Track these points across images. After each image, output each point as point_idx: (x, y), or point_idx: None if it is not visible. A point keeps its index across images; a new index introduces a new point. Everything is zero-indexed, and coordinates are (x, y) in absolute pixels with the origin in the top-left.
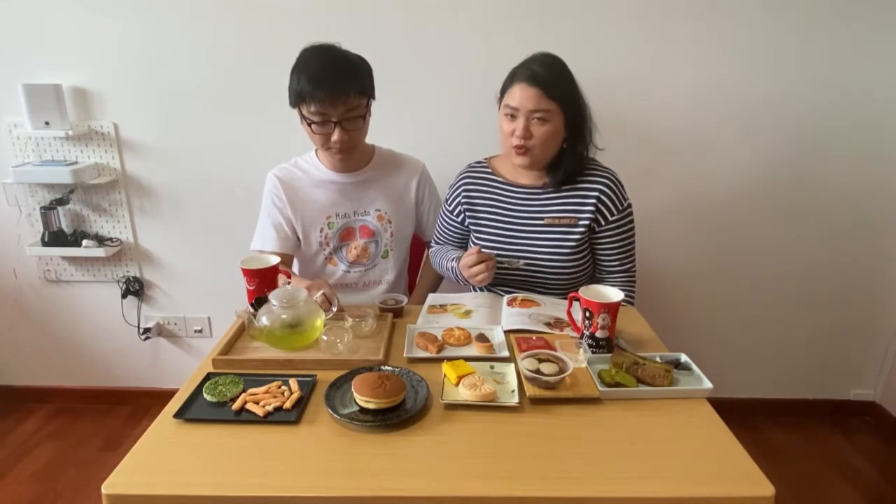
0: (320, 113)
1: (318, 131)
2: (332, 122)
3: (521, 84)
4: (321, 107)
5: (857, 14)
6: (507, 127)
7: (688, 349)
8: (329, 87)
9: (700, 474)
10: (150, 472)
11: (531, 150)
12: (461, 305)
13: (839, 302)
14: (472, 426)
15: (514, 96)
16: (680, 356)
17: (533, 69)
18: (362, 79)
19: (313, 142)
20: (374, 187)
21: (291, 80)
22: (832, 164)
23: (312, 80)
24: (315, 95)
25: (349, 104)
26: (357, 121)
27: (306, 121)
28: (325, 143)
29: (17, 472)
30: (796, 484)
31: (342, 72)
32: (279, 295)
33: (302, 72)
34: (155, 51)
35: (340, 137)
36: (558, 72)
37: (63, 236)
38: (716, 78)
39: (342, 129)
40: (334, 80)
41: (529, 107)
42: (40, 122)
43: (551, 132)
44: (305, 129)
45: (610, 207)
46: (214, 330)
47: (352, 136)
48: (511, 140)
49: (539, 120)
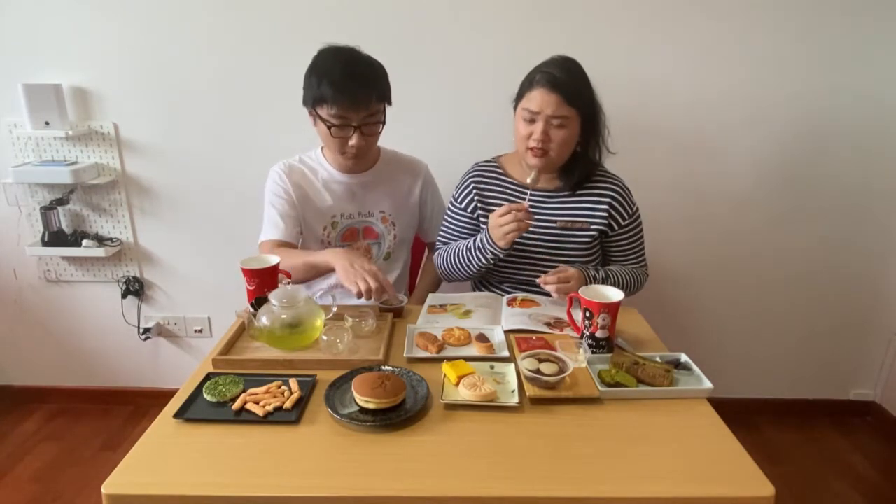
0: (341, 116)
1: (336, 134)
2: (353, 127)
3: (542, 89)
4: (343, 110)
5: (859, 16)
6: (524, 129)
7: (688, 349)
8: (353, 92)
9: (700, 474)
10: (150, 472)
11: (548, 154)
12: (461, 305)
13: (839, 302)
14: (472, 426)
15: (535, 100)
16: (680, 356)
17: (554, 74)
18: (382, 84)
19: (328, 144)
20: (379, 189)
21: (310, 81)
22: (833, 165)
23: (335, 84)
24: (338, 99)
25: (370, 109)
26: (376, 126)
27: (325, 123)
28: (341, 147)
29: (17, 472)
30: (796, 484)
31: (366, 77)
32: (279, 295)
33: (323, 74)
34: (155, 51)
35: (358, 142)
36: (578, 78)
37: (63, 236)
38: (717, 80)
39: (361, 134)
40: (358, 85)
41: (549, 112)
42: (40, 122)
43: (569, 137)
44: (321, 130)
45: (622, 213)
46: (214, 330)
47: (369, 141)
48: (528, 142)
49: (557, 125)
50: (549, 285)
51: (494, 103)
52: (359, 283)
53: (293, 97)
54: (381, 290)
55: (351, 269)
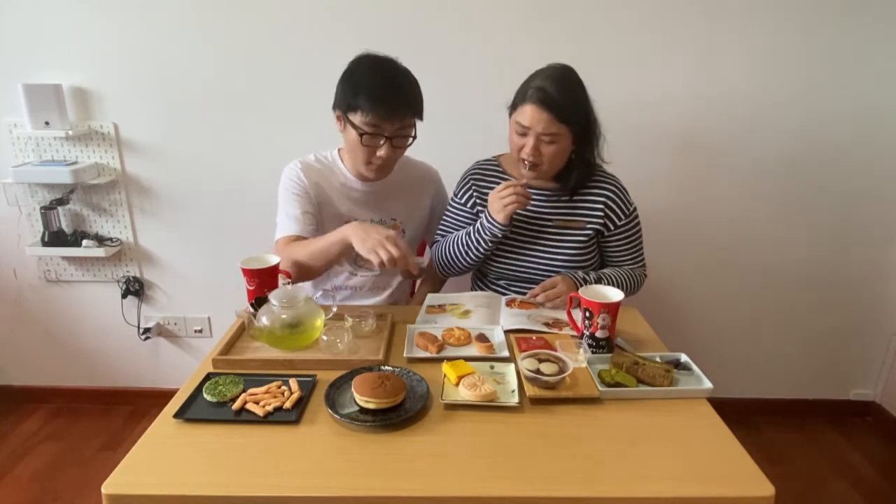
0: (374, 125)
1: (367, 143)
2: (384, 137)
3: (533, 106)
4: (377, 119)
5: (859, 16)
6: (517, 140)
7: (688, 349)
8: (390, 102)
9: (700, 474)
10: (150, 472)
11: (539, 167)
12: (460, 305)
13: (839, 302)
14: (472, 426)
15: (525, 116)
16: (680, 356)
17: (545, 91)
18: (419, 100)
19: (355, 152)
20: (392, 196)
21: (345, 87)
22: (833, 166)
23: (374, 93)
24: (375, 108)
25: (404, 122)
26: (405, 139)
27: (357, 130)
28: (368, 156)
29: (17, 472)
30: (796, 484)
31: (405, 89)
32: (279, 295)
33: (362, 81)
34: (155, 51)
35: (387, 153)
36: (570, 92)
37: (63, 236)
38: (717, 81)
39: (391, 146)
40: (397, 96)
41: (539, 129)
42: (40, 122)
43: (560, 151)
44: (350, 137)
45: (618, 213)
46: (214, 330)
47: (397, 153)
48: (520, 154)
49: (548, 142)
50: (539, 297)
51: (495, 104)
52: (379, 252)
53: (293, 97)
54: (403, 258)
55: (368, 237)
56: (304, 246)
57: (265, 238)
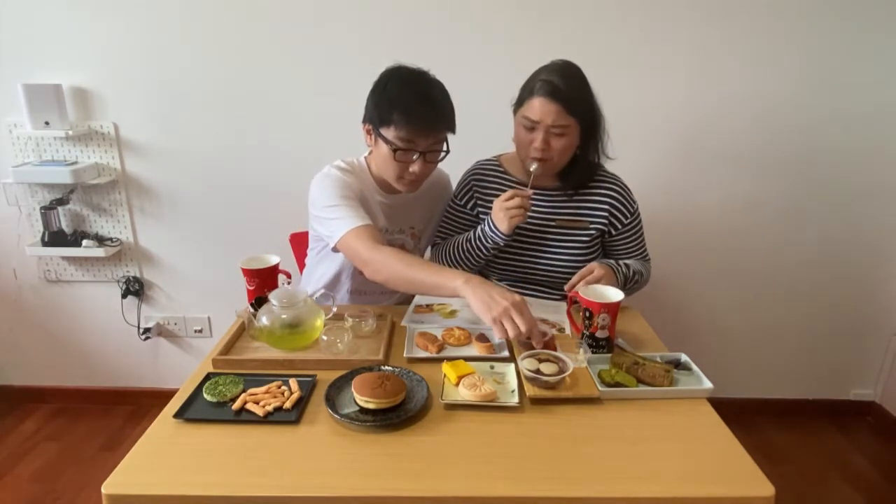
0: (409, 140)
1: (400, 158)
2: (418, 152)
3: (542, 98)
4: (411, 135)
5: (858, 16)
6: (524, 136)
7: (688, 349)
8: (425, 117)
9: (700, 474)
10: (150, 472)
11: (548, 161)
12: (447, 305)
13: (839, 302)
14: (472, 426)
15: (534, 109)
16: (680, 356)
17: (554, 83)
18: (452, 113)
19: (386, 167)
20: (412, 206)
21: (379, 100)
22: (832, 166)
23: (410, 110)
24: (410, 123)
25: (438, 137)
26: (438, 154)
27: (390, 145)
28: (401, 171)
29: (17, 472)
30: (796, 484)
31: (440, 104)
32: (279, 295)
33: (397, 97)
34: (155, 51)
35: (421, 169)
36: (578, 85)
37: (63, 236)
38: (717, 82)
39: (424, 161)
40: (431, 111)
41: (549, 122)
42: (40, 122)
43: (569, 145)
44: (382, 151)
45: (623, 212)
46: (214, 330)
47: (429, 168)
48: (529, 150)
49: (558, 134)
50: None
51: (495, 104)
52: (505, 324)
53: (293, 98)
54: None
55: (494, 304)
56: (406, 264)
57: (265, 238)
